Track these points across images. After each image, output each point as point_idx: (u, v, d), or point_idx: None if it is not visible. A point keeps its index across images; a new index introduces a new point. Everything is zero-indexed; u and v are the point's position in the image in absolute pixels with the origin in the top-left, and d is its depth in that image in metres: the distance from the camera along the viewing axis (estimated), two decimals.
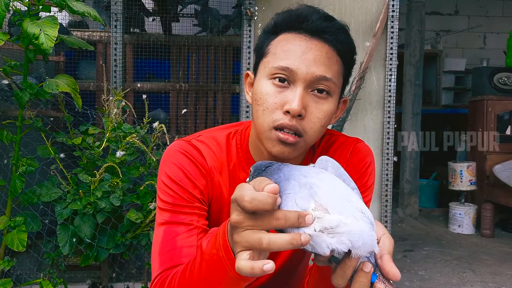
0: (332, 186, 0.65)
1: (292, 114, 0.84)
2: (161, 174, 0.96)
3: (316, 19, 0.87)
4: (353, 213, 0.62)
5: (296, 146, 0.87)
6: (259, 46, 0.94)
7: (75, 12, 1.75)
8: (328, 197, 0.62)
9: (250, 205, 0.58)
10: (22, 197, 1.96)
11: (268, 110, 0.87)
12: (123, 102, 2.10)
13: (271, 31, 0.92)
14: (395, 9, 2.45)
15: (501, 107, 4.47)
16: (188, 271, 0.77)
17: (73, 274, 2.34)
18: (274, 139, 0.86)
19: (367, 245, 0.61)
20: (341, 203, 0.63)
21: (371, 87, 2.49)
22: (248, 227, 0.61)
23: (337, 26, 0.89)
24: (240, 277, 0.69)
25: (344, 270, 0.63)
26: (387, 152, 2.48)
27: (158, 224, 0.93)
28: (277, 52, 0.88)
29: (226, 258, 0.68)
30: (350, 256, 0.61)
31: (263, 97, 0.88)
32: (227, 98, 3.13)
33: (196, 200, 0.93)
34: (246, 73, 1.01)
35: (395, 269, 0.64)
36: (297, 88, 0.85)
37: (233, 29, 3.28)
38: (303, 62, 0.84)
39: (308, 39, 0.86)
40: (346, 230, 0.60)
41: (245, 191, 0.59)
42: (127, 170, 2.05)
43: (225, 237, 0.68)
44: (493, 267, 3.38)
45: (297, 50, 0.85)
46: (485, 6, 6.73)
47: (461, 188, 4.37)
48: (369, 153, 1.07)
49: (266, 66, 0.89)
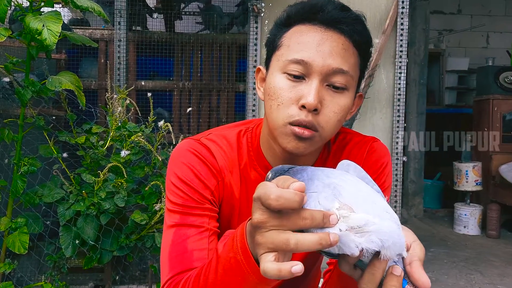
0: (356, 187, 0.63)
1: (308, 109, 0.80)
2: (170, 174, 0.92)
3: (332, 9, 0.83)
4: (379, 213, 0.59)
5: (311, 141, 0.83)
6: (270, 40, 0.91)
7: (79, 7, 1.71)
8: (353, 197, 0.60)
9: (276, 203, 0.55)
10: (23, 198, 1.92)
11: (283, 105, 0.83)
12: (127, 100, 2.05)
13: (284, 24, 0.88)
14: (404, 6, 2.40)
15: (507, 107, 4.43)
16: (203, 276, 0.73)
17: (75, 276, 2.30)
18: (289, 134, 0.83)
19: (397, 245, 0.58)
20: (366, 203, 0.60)
21: (380, 85, 2.45)
22: (272, 227, 0.57)
23: (353, 17, 0.85)
24: (260, 281, 0.65)
25: (373, 273, 0.59)
26: (397, 152, 2.44)
27: (167, 226, 0.89)
28: (290, 45, 0.84)
29: (245, 262, 0.64)
30: (379, 257, 0.58)
31: (277, 92, 0.84)
32: (231, 96, 3.09)
33: (207, 201, 0.90)
34: (258, 68, 0.97)
35: (425, 277, 0.60)
36: (312, 82, 0.81)
37: (236, 27, 3.24)
38: (318, 54, 0.81)
39: (324, 30, 0.83)
40: (374, 228, 0.57)
41: (270, 189, 0.56)
42: (132, 170, 2.01)
43: (243, 239, 0.65)
44: (501, 268, 3.34)
45: (312, 42, 0.82)
46: (488, 5, 6.70)
47: (467, 188, 4.33)
48: (386, 153, 1.03)
49: (279, 60, 0.85)
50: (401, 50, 2.40)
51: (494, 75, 4.44)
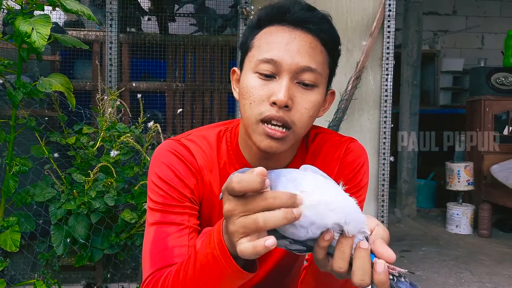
0: (314, 179, 0.69)
1: (278, 105, 0.83)
2: (151, 174, 0.95)
3: (298, 10, 0.87)
4: (338, 195, 0.66)
5: (284, 140, 0.86)
6: (243, 42, 0.93)
7: (69, 10, 1.74)
8: (312, 185, 0.66)
9: (238, 185, 0.60)
10: (15, 197, 1.95)
11: (254, 103, 0.86)
12: (117, 102, 2.09)
13: (255, 26, 0.91)
14: (391, 9, 2.44)
15: (499, 107, 4.46)
16: (182, 271, 0.76)
17: (67, 274, 2.33)
18: (261, 133, 0.85)
19: (358, 220, 0.64)
20: (325, 189, 0.66)
21: (368, 86, 2.49)
22: (241, 213, 0.61)
23: (319, 16, 0.88)
24: (237, 276, 0.69)
25: (342, 250, 0.64)
26: (384, 152, 2.47)
27: (148, 224, 0.92)
28: (261, 45, 0.87)
29: (222, 257, 0.68)
30: (344, 233, 0.64)
31: (249, 91, 0.87)
32: (224, 97, 3.12)
33: (187, 199, 0.92)
34: (233, 69, 1.00)
35: (389, 251, 0.64)
36: (282, 80, 0.84)
37: (230, 28, 3.27)
38: (287, 52, 0.84)
39: (291, 30, 0.86)
40: (335, 206, 0.63)
41: (232, 177, 0.61)
42: (122, 170, 2.04)
43: (220, 235, 0.68)
44: (490, 267, 3.37)
45: (280, 41, 0.85)
46: (483, 6, 6.73)
47: (459, 188, 4.36)
48: (363, 153, 1.05)
49: (251, 60, 0.88)
50: (388, 52, 2.44)
51: (486, 76, 4.47)
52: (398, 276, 0.63)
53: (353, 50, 2.44)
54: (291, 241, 0.66)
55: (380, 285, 0.63)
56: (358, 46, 2.47)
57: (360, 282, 0.63)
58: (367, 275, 0.63)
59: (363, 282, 0.63)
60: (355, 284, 0.64)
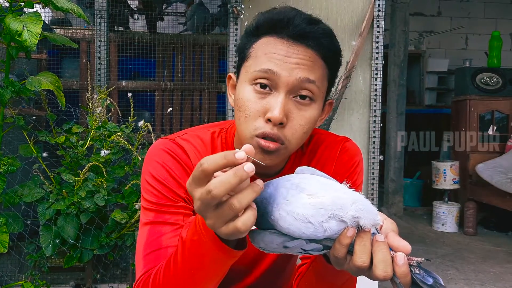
0: (315, 180, 0.69)
1: (273, 122, 0.82)
2: (145, 173, 0.94)
3: (298, 24, 0.84)
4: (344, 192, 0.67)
5: (277, 153, 0.86)
6: (241, 48, 0.92)
7: (59, 8, 1.72)
8: (316, 187, 0.66)
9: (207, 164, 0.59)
10: (3, 197, 1.92)
11: (250, 118, 0.85)
12: (107, 101, 2.07)
13: (253, 33, 0.90)
14: (380, 9, 2.46)
15: (484, 107, 4.54)
16: (172, 263, 0.75)
17: (56, 275, 2.30)
18: (256, 147, 0.84)
19: (372, 213, 0.65)
20: (331, 188, 0.67)
21: (357, 86, 2.50)
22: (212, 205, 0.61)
23: (320, 31, 0.86)
24: (227, 256, 0.69)
25: (364, 244, 0.65)
26: (373, 151, 2.50)
27: (142, 224, 0.91)
28: (258, 56, 0.86)
29: (209, 240, 0.68)
30: (361, 228, 0.65)
31: (244, 104, 0.86)
32: (213, 97, 3.11)
33: (181, 199, 0.92)
34: (229, 75, 0.99)
35: (404, 242, 0.65)
36: (279, 95, 0.83)
37: (219, 27, 3.26)
38: (285, 66, 0.83)
39: (291, 44, 0.84)
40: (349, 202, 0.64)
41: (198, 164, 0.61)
42: (112, 170, 2.02)
43: (204, 221, 0.67)
44: (476, 264, 3.43)
45: (278, 54, 0.84)
46: (467, 8, 6.83)
47: (445, 187, 4.42)
48: (357, 152, 1.06)
49: (247, 71, 0.87)
50: (377, 52, 2.46)
51: (471, 76, 4.54)
52: (416, 265, 0.65)
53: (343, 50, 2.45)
54: (307, 241, 0.66)
55: (402, 276, 0.64)
56: (348, 46, 2.49)
57: (384, 275, 0.64)
58: (390, 267, 0.64)
59: (386, 274, 0.64)
60: (378, 278, 0.65)
